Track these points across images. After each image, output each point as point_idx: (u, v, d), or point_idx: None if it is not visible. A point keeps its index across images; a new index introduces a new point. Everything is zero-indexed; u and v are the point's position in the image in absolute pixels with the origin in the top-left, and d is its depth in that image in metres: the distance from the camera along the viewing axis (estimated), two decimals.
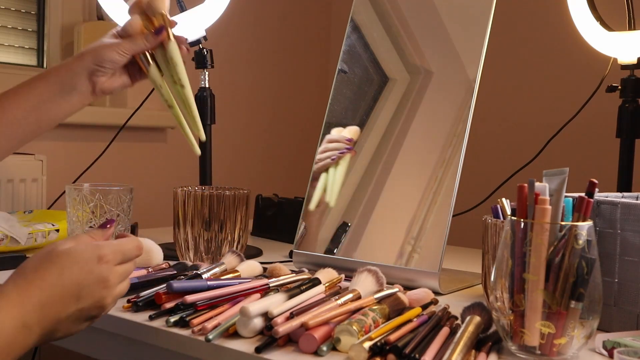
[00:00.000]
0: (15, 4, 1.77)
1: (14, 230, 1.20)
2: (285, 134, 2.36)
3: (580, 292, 0.70)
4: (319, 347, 0.73)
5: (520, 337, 0.71)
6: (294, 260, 1.16)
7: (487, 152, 2.08)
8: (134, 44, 1.00)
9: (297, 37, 2.42)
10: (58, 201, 1.59)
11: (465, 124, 1.07)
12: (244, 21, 2.19)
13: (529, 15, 2.06)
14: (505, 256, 0.73)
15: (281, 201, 1.54)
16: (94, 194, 1.09)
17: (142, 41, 1.00)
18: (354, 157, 1.16)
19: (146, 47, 1.00)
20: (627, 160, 1.31)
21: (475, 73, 1.08)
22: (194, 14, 1.35)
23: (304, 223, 1.17)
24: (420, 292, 0.91)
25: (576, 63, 1.85)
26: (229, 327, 0.78)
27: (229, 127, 2.06)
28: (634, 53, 1.29)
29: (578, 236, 0.70)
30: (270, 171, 2.26)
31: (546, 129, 1.45)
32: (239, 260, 1.04)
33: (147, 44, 1.00)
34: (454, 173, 1.06)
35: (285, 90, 2.38)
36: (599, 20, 1.32)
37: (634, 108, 1.30)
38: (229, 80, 2.11)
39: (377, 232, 1.10)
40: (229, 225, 1.14)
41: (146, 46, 1.00)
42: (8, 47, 1.76)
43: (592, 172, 0.89)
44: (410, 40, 1.17)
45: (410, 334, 0.75)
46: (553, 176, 0.74)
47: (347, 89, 1.21)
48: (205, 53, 1.37)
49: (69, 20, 1.83)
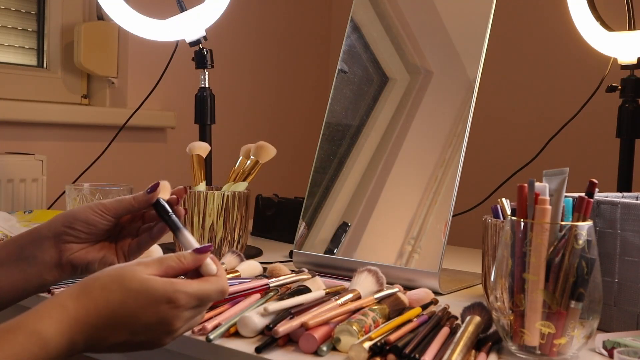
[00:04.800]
0: (15, 4, 1.77)
1: (14, 230, 1.20)
2: (285, 134, 2.36)
3: (580, 292, 0.70)
4: (319, 347, 0.73)
5: (520, 337, 0.71)
6: (294, 260, 1.16)
7: (487, 152, 2.08)
8: (117, 202, 0.79)
9: (297, 37, 2.42)
10: (58, 201, 1.59)
11: (465, 124, 1.07)
12: (244, 21, 2.19)
13: (529, 15, 2.06)
14: (505, 256, 0.73)
15: (281, 201, 1.54)
16: (94, 194, 1.09)
17: (128, 200, 0.79)
18: (354, 157, 1.17)
19: (132, 206, 0.79)
20: (627, 160, 1.31)
21: (475, 73, 1.08)
22: (194, 14, 1.35)
23: (304, 223, 1.17)
24: (420, 292, 0.91)
25: (576, 63, 1.85)
26: (230, 328, 0.78)
27: (229, 127, 2.06)
28: (634, 53, 1.29)
29: (578, 236, 0.70)
30: (270, 171, 2.26)
31: (546, 129, 1.45)
32: (239, 260, 1.04)
33: (134, 203, 0.79)
34: (454, 173, 1.06)
35: (285, 90, 2.38)
36: (599, 20, 1.32)
37: (634, 108, 1.30)
38: (229, 80, 2.11)
39: (377, 232, 1.10)
40: (228, 225, 1.14)
41: (132, 206, 0.79)
42: (8, 47, 1.76)
43: (592, 172, 0.89)
44: (410, 40, 1.17)
45: (410, 334, 0.75)
46: (553, 176, 0.74)
47: (347, 89, 1.21)
48: (205, 53, 1.37)
49: (69, 20, 1.83)
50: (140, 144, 1.93)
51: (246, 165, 1.19)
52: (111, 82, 1.88)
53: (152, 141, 1.96)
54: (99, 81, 1.89)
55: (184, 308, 0.66)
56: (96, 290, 0.64)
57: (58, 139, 1.75)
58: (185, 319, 0.67)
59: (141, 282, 0.65)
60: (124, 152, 1.84)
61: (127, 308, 0.64)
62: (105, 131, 1.73)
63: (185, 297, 0.65)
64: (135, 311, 0.64)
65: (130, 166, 1.89)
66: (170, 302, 0.65)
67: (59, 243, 0.78)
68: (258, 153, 1.18)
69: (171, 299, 0.65)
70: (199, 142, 1.23)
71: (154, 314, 0.64)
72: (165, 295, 0.65)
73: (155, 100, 1.81)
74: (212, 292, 0.68)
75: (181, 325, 0.67)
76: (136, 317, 0.64)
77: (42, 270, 0.77)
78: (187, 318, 0.67)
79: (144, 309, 0.64)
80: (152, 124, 1.93)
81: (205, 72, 1.38)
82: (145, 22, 1.39)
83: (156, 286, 0.65)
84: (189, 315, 0.67)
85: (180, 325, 0.67)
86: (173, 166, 1.98)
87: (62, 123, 1.75)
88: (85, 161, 1.60)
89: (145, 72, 1.85)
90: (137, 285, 0.64)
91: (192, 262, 0.69)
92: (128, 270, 0.66)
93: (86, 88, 1.89)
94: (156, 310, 0.64)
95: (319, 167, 1.19)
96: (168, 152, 1.99)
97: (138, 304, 0.64)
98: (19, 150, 1.64)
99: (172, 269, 0.68)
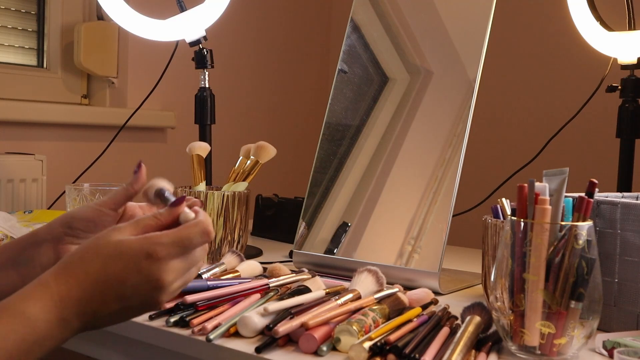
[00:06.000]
0: (15, 4, 1.77)
1: (14, 230, 1.20)
2: (285, 134, 2.36)
3: (580, 292, 0.70)
4: (319, 347, 0.73)
5: (520, 337, 0.71)
6: (294, 260, 1.16)
7: (487, 152, 2.08)
8: (112, 193, 0.77)
9: (297, 37, 2.42)
10: (58, 201, 1.59)
11: (465, 124, 1.07)
12: (244, 21, 2.19)
13: (529, 15, 2.06)
14: (505, 256, 0.73)
15: (281, 201, 1.54)
16: (94, 194, 1.09)
17: (122, 189, 0.77)
18: (354, 156, 1.17)
19: (128, 191, 0.76)
20: (627, 160, 1.31)
21: (475, 73, 1.08)
22: (194, 14, 1.35)
23: (304, 223, 1.17)
24: (420, 292, 0.91)
25: (576, 63, 1.85)
26: (230, 328, 0.78)
27: (229, 127, 2.06)
28: (634, 53, 1.29)
29: (578, 236, 0.70)
30: (270, 171, 2.26)
31: (546, 129, 1.45)
32: (239, 260, 1.04)
33: (129, 188, 0.76)
34: (454, 173, 1.06)
35: (285, 90, 2.38)
36: (599, 20, 1.32)
37: (634, 108, 1.30)
38: (229, 80, 2.11)
39: (377, 232, 1.10)
40: (229, 225, 1.14)
41: (128, 190, 0.76)
42: (8, 47, 1.76)
43: (592, 172, 0.89)
44: (410, 40, 1.17)
45: (410, 334, 0.75)
46: (553, 176, 0.74)
47: (347, 89, 1.21)
48: (205, 53, 1.37)
49: (69, 20, 1.83)
50: (140, 144, 1.93)
51: (246, 165, 1.19)
52: (111, 82, 1.88)
53: (152, 141, 1.96)
54: (99, 81, 1.89)
55: (167, 259, 0.63)
56: (75, 264, 0.63)
57: (58, 139, 1.75)
58: (175, 270, 0.64)
59: (115, 244, 0.63)
60: (124, 152, 1.84)
61: (108, 274, 0.62)
62: (105, 131, 1.73)
63: (164, 248, 0.63)
64: (117, 275, 0.62)
65: (130, 166, 1.88)
66: (149, 257, 0.62)
67: (57, 245, 0.76)
68: (258, 153, 1.18)
69: (148, 253, 0.62)
70: (199, 142, 1.23)
71: (137, 273, 0.62)
72: (142, 251, 0.62)
73: (155, 100, 1.81)
74: (193, 235, 0.64)
75: (173, 279, 0.64)
76: (119, 281, 0.62)
77: (40, 274, 0.74)
78: (176, 269, 0.64)
79: (125, 271, 0.62)
80: (152, 124, 1.93)
81: (205, 72, 1.38)
82: (145, 22, 1.39)
83: (131, 245, 0.63)
84: (177, 266, 0.64)
85: (171, 279, 0.64)
86: (173, 166, 1.98)
87: (62, 123, 1.75)
88: (85, 161, 1.60)
89: (145, 72, 1.85)
90: (112, 249, 0.63)
91: (169, 215, 0.67)
92: (102, 237, 0.64)
93: (86, 88, 1.89)
94: (138, 268, 0.62)
95: (319, 167, 1.19)
96: (168, 152, 1.99)
97: (118, 268, 0.62)
98: (19, 150, 1.64)
99: (150, 227, 0.66)
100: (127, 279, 0.62)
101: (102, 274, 0.62)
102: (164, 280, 0.63)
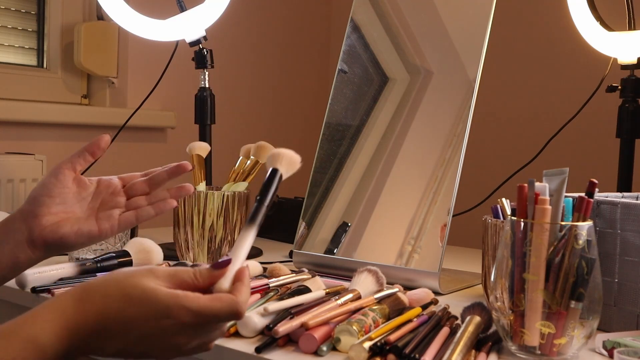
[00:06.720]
0: (15, 4, 1.77)
1: None
2: (285, 134, 2.36)
3: (580, 292, 0.70)
4: (319, 347, 0.73)
5: (520, 337, 0.71)
6: (294, 260, 1.16)
7: (487, 152, 2.08)
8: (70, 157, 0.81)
9: (297, 37, 2.42)
10: None
11: (465, 124, 1.07)
12: (244, 21, 2.19)
13: (528, 15, 2.06)
14: (505, 256, 0.73)
15: (281, 201, 1.54)
16: None
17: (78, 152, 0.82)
18: (354, 156, 1.17)
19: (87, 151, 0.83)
20: (627, 160, 1.31)
21: (475, 73, 1.08)
22: (194, 14, 1.35)
23: (304, 223, 1.17)
24: (420, 292, 0.91)
25: (576, 63, 1.85)
26: (230, 328, 0.78)
27: (229, 127, 2.06)
28: (634, 53, 1.29)
29: (578, 236, 0.70)
30: None
31: (546, 129, 1.45)
32: None
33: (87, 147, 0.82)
34: (454, 173, 1.06)
35: (285, 90, 2.38)
36: (599, 20, 1.32)
37: (634, 108, 1.30)
38: (229, 80, 2.11)
39: (377, 232, 1.10)
40: (228, 225, 1.14)
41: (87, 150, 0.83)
42: (8, 47, 1.76)
43: (592, 172, 0.89)
44: (410, 40, 1.17)
45: (410, 334, 0.75)
46: (553, 176, 0.74)
47: (347, 89, 1.21)
48: (205, 53, 1.37)
49: (69, 20, 1.83)
50: (140, 144, 1.93)
51: (246, 165, 1.19)
52: (111, 82, 1.88)
53: (152, 141, 1.96)
54: (99, 81, 1.89)
55: (187, 326, 0.60)
56: (97, 296, 0.61)
57: (58, 139, 1.75)
58: (191, 336, 0.61)
59: (143, 289, 0.60)
60: (124, 152, 1.84)
61: (124, 316, 0.60)
62: (105, 131, 1.71)
63: (188, 314, 0.59)
64: (132, 320, 0.60)
65: (130, 166, 1.88)
66: (171, 317, 0.59)
67: (28, 219, 0.77)
68: (258, 153, 1.18)
69: (172, 313, 0.59)
70: (199, 142, 1.23)
71: (154, 327, 0.60)
72: (166, 309, 0.59)
73: (155, 100, 1.81)
74: (222, 314, 0.60)
75: (187, 342, 0.61)
76: (131, 327, 0.60)
77: (14, 249, 0.77)
78: (192, 336, 0.61)
79: (141, 319, 0.60)
80: (152, 124, 1.93)
81: (205, 72, 1.38)
82: (145, 22, 1.39)
83: (158, 297, 0.60)
84: (194, 333, 0.61)
85: (185, 342, 0.61)
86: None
87: (62, 123, 1.75)
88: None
89: (145, 72, 1.85)
90: (140, 292, 0.60)
91: (208, 278, 0.62)
92: (134, 278, 0.61)
93: (86, 88, 1.89)
94: (157, 323, 0.60)
95: (319, 167, 1.19)
96: (168, 152, 1.99)
97: (135, 314, 0.60)
98: (19, 150, 1.64)
99: (185, 284, 0.62)
100: (140, 327, 0.60)
101: (118, 314, 0.60)
102: (178, 341, 0.61)
